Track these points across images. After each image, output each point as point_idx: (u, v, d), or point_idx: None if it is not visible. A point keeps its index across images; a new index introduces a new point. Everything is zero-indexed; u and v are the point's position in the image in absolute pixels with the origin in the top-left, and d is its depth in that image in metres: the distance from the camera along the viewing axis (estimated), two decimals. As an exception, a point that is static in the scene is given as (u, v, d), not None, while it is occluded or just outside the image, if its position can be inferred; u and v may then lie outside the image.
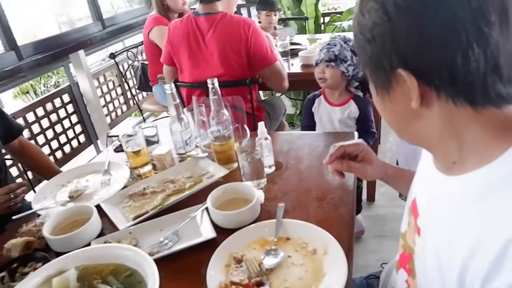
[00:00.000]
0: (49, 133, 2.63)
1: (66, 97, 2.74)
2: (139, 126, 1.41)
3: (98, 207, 1.09)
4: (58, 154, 2.70)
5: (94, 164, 1.39)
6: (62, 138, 2.73)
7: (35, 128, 2.54)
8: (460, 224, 0.52)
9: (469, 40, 0.45)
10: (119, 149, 1.44)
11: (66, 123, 2.76)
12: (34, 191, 2.02)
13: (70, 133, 2.81)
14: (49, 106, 2.62)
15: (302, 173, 1.17)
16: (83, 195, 1.22)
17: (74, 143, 2.86)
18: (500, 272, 0.45)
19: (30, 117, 2.49)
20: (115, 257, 0.80)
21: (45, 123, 2.60)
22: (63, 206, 1.16)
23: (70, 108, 2.79)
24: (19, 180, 2.16)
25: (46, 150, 2.60)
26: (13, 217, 1.12)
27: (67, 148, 2.78)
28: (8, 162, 1.99)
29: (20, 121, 2.36)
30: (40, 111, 2.55)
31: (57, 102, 2.69)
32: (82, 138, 2.93)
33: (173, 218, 1.02)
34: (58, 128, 2.69)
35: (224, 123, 1.23)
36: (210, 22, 1.85)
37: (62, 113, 2.73)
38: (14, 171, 2.26)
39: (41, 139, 2.57)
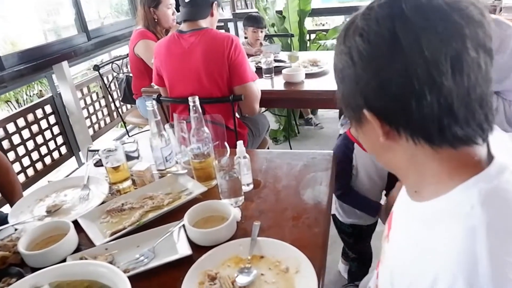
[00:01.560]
0: (30, 144, 2.61)
1: (48, 108, 2.73)
2: (121, 141, 1.42)
3: (76, 222, 1.10)
4: (39, 166, 2.68)
5: (73, 179, 1.39)
6: (43, 150, 2.71)
7: (16, 139, 2.52)
8: (412, 248, 0.57)
9: (421, 87, 0.48)
10: (99, 164, 1.45)
11: (48, 134, 2.74)
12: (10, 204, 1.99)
13: (51, 145, 2.79)
14: (30, 117, 2.61)
15: (279, 192, 1.20)
16: (61, 210, 1.22)
17: (55, 154, 2.84)
18: None
19: (11, 127, 2.47)
20: (89, 274, 0.81)
21: (26, 133, 2.58)
22: (40, 221, 1.16)
23: (52, 119, 2.77)
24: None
25: (26, 161, 2.58)
26: (-12, 231, 1.12)
27: (47, 160, 2.76)
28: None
29: (0, 131, 2.34)
30: (21, 122, 2.53)
31: (39, 113, 2.68)
32: (63, 149, 2.91)
33: (150, 235, 1.03)
34: (39, 139, 2.67)
35: (204, 140, 1.26)
36: (194, 38, 1.88)
37: (43, 124, 2.71)
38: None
39: (21, 150, 2.54)
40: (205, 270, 0.88)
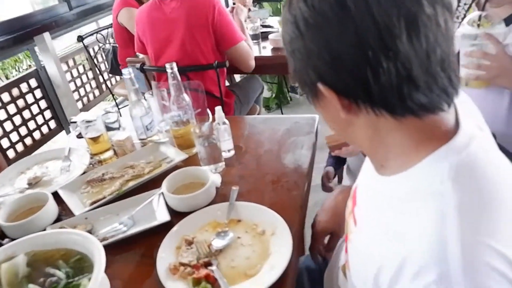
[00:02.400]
0: (17, 119, 2.58)
1: (33, 82, 2.67)
2: (105, 110, 1.40)
3: (57, 194, 1.09)
4: (28, 141, 2.65)
5: (54, 151, 1.38)
6: (31, 125, 2.68)
7: (2, 114, 2.48)
8: (380, 229, 0.55)
9: (376, 56, 0.44)
10: (81, 135, 1.43)
11: (35, 109, 2.70)
12: None
13: (40, 119, 2.75)
14: (15, 92, 2.55)
15: (261, 157, 1.19)
16: (42, 181, 1.21)
17: (44, 129, 2.81)
18: None
19: (-5, 103, 2.43)
20: (64, 243, 0.81)
21: (12, 109, 2.54)
22: (22, 193, 1.16)
23: (38, 93, 2.72)
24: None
25: (14, 136, 2.56)
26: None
27: (37, 135, 2.73)
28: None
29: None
30: (5, 97, 2.49)
31: (24, 87, 2.62)
32: (52, 124, 2.88)
33: (130, 203, 1.03)
34: (26, 114, 2.63)
35: (185, 108, 1.24)
36: (175, 3, 1.82)
37: (29, 98, 2.66)
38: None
39: (8, 126, 2.51)
40: (183, 236, 0.89)
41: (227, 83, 2.42)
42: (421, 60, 0.45)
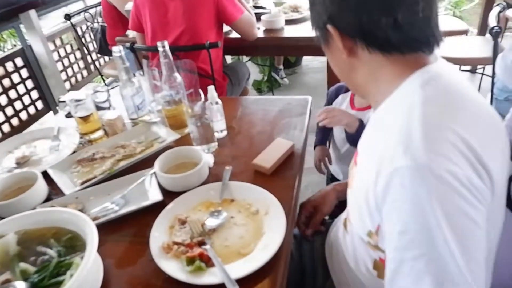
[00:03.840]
0: (3, 99, 2.52)
1: (19, 61, 2.61)
2: (95, 89, 1.37)
3: (46, 173, 1.07)
4: (14, 121, 2.61)
5: (43, 130, 1.35)
6: (18, 105, 2.63)
7: (-14, 94, 2.43)
8: (368, 154, 0.67)
9: (371, 4, 0.59)
10: (70, 115, 1.40)
11: (21, 89, 2.64)
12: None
13: (26, 99, 2.70)
14: (0, 71, 2.49)
15: (253, 137, 1.18)
16: (31, 161, 1.19)
17: (31, 109, 2.76)
18: (386, 201, 0.57)
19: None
20: (55, 221, 0.80)
21: (-3, 88, 2.48)
22: (10, 173, 1.13)
23: (24, 73, 2.66)
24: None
25: (0, 117, 2.50)
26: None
27: (23, 115, 2.68)
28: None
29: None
30: (-10, 76, 2.43)
31: (9, 66, 2.56)
32: (39, 104, 2.83)
33: (122, 183, 1.01)
34: (12, 94, 2.58)
35: (177, 87, 1.22)
36: None
37: (15, 78, 2.60)
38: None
39: (-6, 105, 2.46)
40: (176, 215, 0.88)
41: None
42: (410, 18, 0.59)
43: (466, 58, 2.58)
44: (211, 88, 1.13)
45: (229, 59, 3.35)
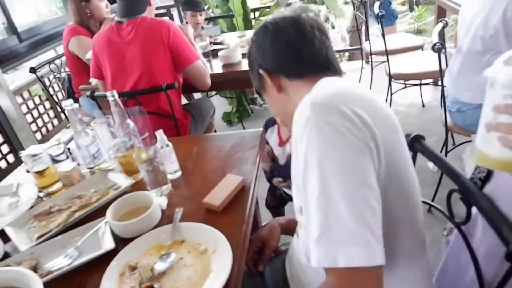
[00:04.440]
0: (-29, 157, 2.51)
1: (-14, 118, 2.62)
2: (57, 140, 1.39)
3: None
4: (-16, 177, 2.58)
5: (2, 188, 1.36)
6: (-13, 160, 2.62)
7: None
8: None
9: (284, 50, 0.85)
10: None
11: (-10, 144, 2.64)
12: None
13: (-4, 154, 2.69)
14: (-33, 129, 2.50)
15: (207, 175, 1.22)
16: (-12, 220, 1.19)
17: (2, 163, 2.74)
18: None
19: None
20: (6, 281, 0.81)
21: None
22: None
23: (-8, 129, 2.67)
24: None
25: (-31, 174, 2.49)
26: None
27: (-6, 170, 2.66)
28: None
29: None
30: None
31: (-24, 123, 2.57)
32: (11, 158, 2.81)
33: (76, 234, 1.03)
34: (-19, 151, 2.57)
35: (129, 134, 1.26)
36: (131, 27, 1.87)
37: (-17, 134, 2.61)
38: None
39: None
40: (127, 262, 0.90)
41: (185, 101, 2.45)
42: (311, 55, 0.85)
43: (423, 72, 2.68)
44: (159, 133, 1.17)
45: (198, 95, 3.43)
